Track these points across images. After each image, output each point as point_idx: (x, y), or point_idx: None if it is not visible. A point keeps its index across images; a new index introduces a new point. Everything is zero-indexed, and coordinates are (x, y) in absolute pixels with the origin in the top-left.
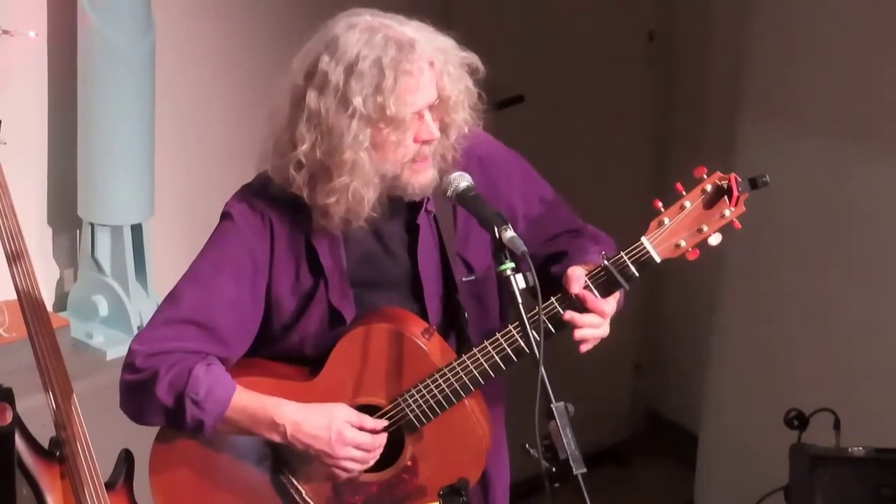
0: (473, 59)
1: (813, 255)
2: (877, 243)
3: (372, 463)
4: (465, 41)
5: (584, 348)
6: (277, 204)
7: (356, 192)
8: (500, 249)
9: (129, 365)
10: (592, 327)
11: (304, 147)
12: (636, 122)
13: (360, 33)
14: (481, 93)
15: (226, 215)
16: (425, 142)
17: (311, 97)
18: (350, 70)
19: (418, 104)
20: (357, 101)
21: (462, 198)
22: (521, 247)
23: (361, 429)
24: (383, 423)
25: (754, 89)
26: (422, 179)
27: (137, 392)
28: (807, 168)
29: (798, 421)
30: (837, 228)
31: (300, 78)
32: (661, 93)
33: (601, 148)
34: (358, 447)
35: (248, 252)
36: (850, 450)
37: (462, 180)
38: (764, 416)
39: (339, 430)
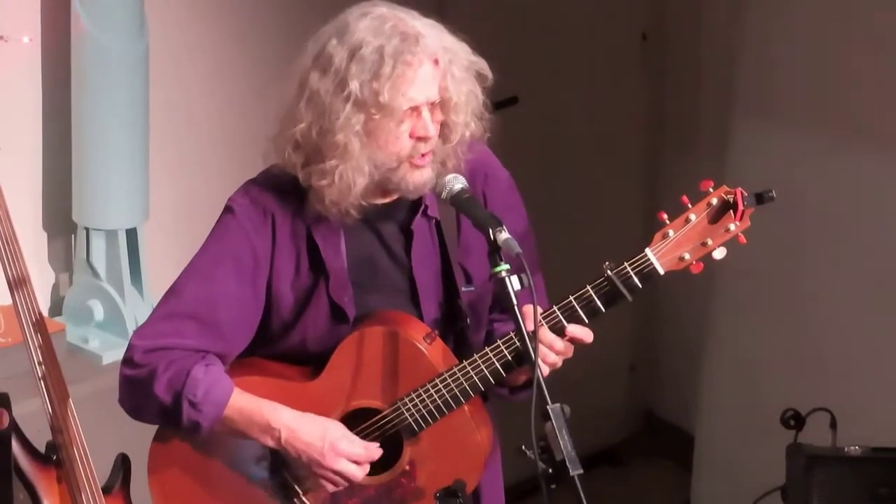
0: (482, 65)
1: (806, 254)
2: (870, 241)
3: (361, 478)
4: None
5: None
6: (280, 199)
7: (345, 175)
8: (494, 251)
9: (127, 360)
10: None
11: (302, 126)
12: (629, 121)
13: (370, 21)
14: (487, 101)
15: (228, 209)
16: (420, 138)
17: (314, 78)
18: (352, 54)
19: (415, 98)
20: (354, 85)
21: (456, 199)
22: (516, 248)
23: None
24: (376, 444)
25: (746, 88)
26: (416, 178)
27: (136, 388)
28: (798, 167)
29: (794, 420)
30: (830, 227)
31: (309, 59)
32: (654, 92)
33: (594, 147)
34: (351, 460)
35: (249, 247)
36: (846, 449)
37: (456, 182)
38: (760, 416)
39: (333, 440)
